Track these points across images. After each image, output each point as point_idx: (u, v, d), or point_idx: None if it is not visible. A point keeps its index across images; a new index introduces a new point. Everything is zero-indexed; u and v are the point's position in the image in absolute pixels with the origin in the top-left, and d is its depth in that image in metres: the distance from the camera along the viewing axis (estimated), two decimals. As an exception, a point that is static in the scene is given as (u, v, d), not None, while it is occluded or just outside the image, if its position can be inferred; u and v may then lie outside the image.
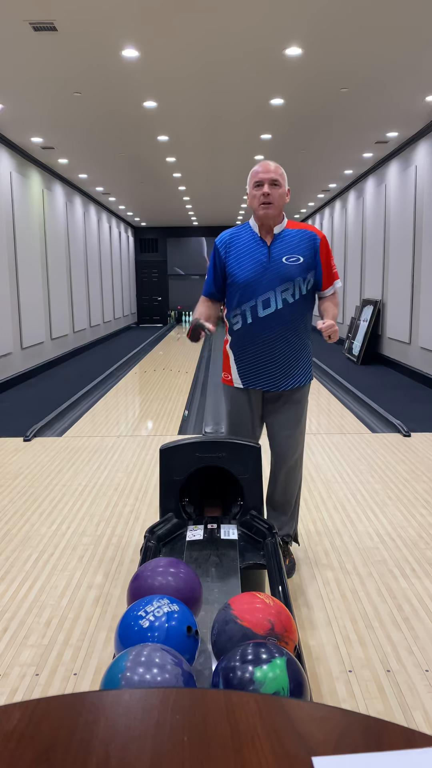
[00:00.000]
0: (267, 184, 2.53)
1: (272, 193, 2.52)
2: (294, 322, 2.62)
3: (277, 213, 2.57)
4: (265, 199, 2.53)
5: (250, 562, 1.98)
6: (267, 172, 2.54)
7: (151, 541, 2.07)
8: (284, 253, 2.57)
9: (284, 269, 2.56)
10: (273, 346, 2.62)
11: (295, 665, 1.18)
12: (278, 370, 2.65)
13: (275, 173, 2.55)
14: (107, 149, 9.18)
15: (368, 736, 0.83)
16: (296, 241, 2.60)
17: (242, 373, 2.71)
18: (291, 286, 2.57)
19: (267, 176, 2.53)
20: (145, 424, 6.21)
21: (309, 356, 2.74)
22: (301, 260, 2.57)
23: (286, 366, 2.65)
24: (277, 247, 2.59)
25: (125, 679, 1.15)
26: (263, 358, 2.64)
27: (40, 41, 5.02)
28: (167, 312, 21.04)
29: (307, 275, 2.59)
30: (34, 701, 0.91)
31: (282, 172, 2.58)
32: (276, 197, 2.54)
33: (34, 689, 2.11)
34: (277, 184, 2.54)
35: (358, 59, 5.53)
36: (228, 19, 4.70)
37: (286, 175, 2.61)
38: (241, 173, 11.17)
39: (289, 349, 2.64)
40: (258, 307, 2.59)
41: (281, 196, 2.57)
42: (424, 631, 2.42)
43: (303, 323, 2.66)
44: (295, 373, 2.68)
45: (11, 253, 8.39)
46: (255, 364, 2.66)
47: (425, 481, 4.15)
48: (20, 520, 3.61)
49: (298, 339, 2.65)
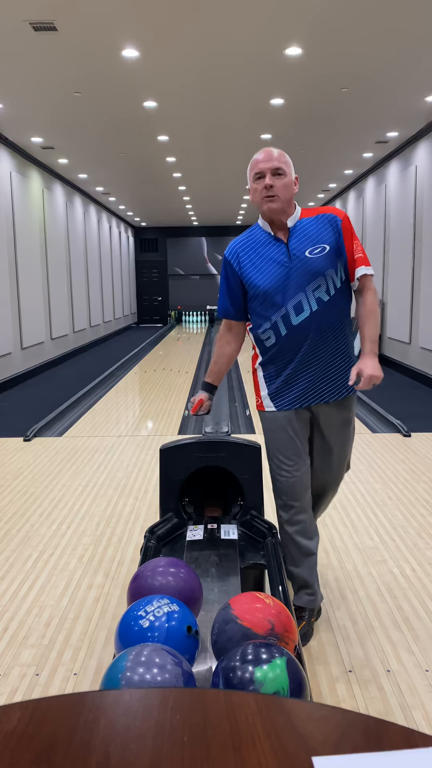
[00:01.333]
0: (269, 174, 2.17)
1: (276, 184, 2.16)
2: (334, 322, 2.23)
3: (284, 206, 2.20)
4: (268, 192, 2.17)
5: (250, 562, 1.99)
6: (268, 161, 2.18)
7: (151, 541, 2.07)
8: (305, 246, 2.20)
9: (310, 264, 2.18)
10: (313, 355, 2.22)
11: (295, 665, 1.18)
12: (322, 381, 2.25)
13: (278, 161, 2.18)
14: (107, 149, 9.18)
15: (368, 736, 0.83)
16: (316, 229, 2.23)
17: (274, 393, 2.29)
18: (323, 282, 2.19)
19: (268, 165, 2.17)
20: (145, 424, 6.21)
21: (352, 361, 2.30)
22: (327, 249, 2.19)
23: (331, 374, 2.25)
24: (295, 241, 2.21)
25: (125, 679, 1.15)
26: (304, 371, 2.24)
27: (40, 41, 5.02)
28: (167, 312, 21.04)
29: (337, 264, 2.21)
30: (34, 701, 0.91)
31: (286, 159, 2.22)
32: (281, 188, 2.17)
33: (34, 689, 2.11)
34: (281, 173, 2.18)
35: (358, 59, 5.53)
36: (228, 19, 4.70)
37: (291, 161, 2.24)
38: (241, 173, 11.16)
39: (331, 354, 2.24)
40: (290, 314, 2.20)
41: (287, 186, 2.19)
42: (424, 631, 2.42)
43: (343, 320, 2.28)
44: (340, 382, 2.26)
45: (11, 253, 8.39)
46: (294, 379, 2.26)
47: (425, 481, 4.15)
48: (20, 520, 3.61)
49: (342, 339, 2.26)
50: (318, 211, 2.28)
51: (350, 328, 2.31)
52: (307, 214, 2.27)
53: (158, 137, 8.41)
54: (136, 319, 20.52)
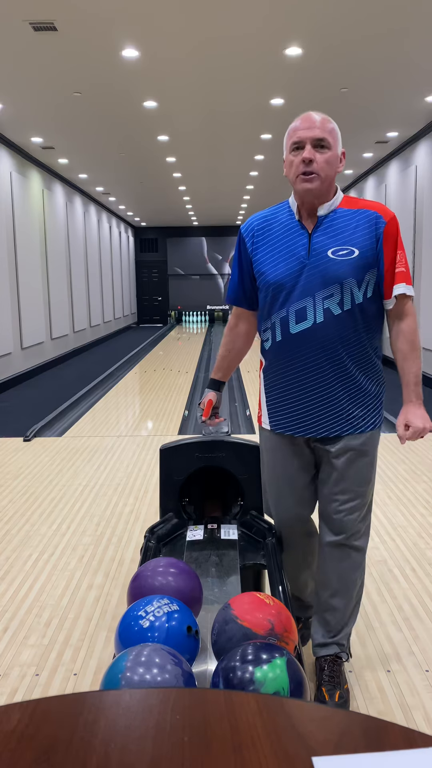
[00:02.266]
0: (309, 145, 1.76)
1: (318, 158, 1.76)
2: (345, 344, 1.82)
3: (324, 188, 1.80)
4: (307, 167, 1.76)
5: (250, 562, 1.98)
6: (310, 128, 1.76)
7: (151, 541, 2.07)
8: (331, 243, 1.81)
9: (329, 266, 1.80)
10: (313, 376, 1.85)
11: (295, 665, 1.18)
12: (322, 411, 1.87)
13: (322, 129, 1.77)
14: (107, 149, 9.18)
15: (368, 736, 0.83)
16: (351, 226, 1.82)
17: (273, 410, 1.96)
18: (337, 291, 1.80)
19: (310, 134, 1.75)
20: (145, 424, 6.21)
21: (374, 392, 1.91)
22: (355, 253, 1.79)
23: (332, 405, 1.87)
24: (322, 234, 1.82)
25: (125, 679, 1.15)
26: (301, 393, 1.88)
27: (40, 41, 5.02)
28: (167, 312, 21.04)
29: (364, 275, 1.81)
30: (34, 701, 0.91)
31: (333, 127, 1.81)
32: (323, 164, 1.77)
33: (34, 689, 2.11)
34: (325, 146, 1.77)
35: (358, 59, 5.53)
36: (228, 19, 4.70)
37: (339, 131, 1.84)
38: (242, 173, 11.18)
39: (337, 382, 1.85)
40: (290, 319, 1.85)
41: (330, 162, 1.78)
42: (424, 631, 2.42)
43: (361, 345, 1.85)
44: (348, 416, 1.88)
45: (11, 253, 8.39)
46: (290, 398, 1.90)
47: (425, 481, 4.15)
48: (20, 520, 3.61)
49: (355, 368, 1.85)
50: (362, 204, 1.87)
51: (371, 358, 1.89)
52: (348, 203, 1.87)
53: (158, 137, 8.41)
54: (136, 319, 20.52)
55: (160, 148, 9.03)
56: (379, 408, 1.94)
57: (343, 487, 1.93)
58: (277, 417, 1.95)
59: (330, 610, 2.01)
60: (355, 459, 1.91)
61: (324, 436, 1.89)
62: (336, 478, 1.93)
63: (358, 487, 1.94)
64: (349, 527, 1.96)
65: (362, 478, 1.94)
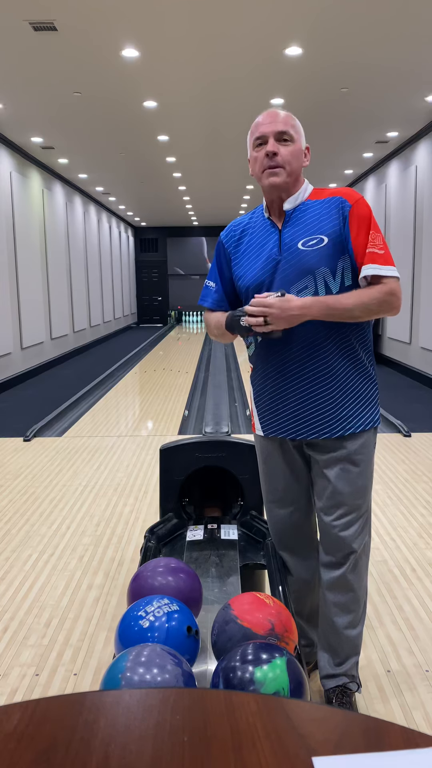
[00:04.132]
0: (272, 139, 1.73)
1: (281, 151, 1.73)
2: (324, 338, 1.76)
3: (290, 181, 1.76)
4: (271, 160, 1.73)
5: (250, 562, 1.98)
6: (272, 123, 1.74)
7: (151, 541, 2.07)
8: (300, 236, 1.76)
9: (300, 258, 1.74)
10: (297, 375, 1.79)
11: (295, 665, 1.18)
12: (309, 410, 1.80)
13: (284, 123, 1.75)
14: (107, 149, 9.18)
15: (368, 736, 0.83)
16: (318, 215, 1.77)
17: (262, 414, 1.90)
18: (310, 282, 1.74)
19: (272, 128, 1.74)
20: (145, 424, 6.21)
21: (363, 390, 1.82)
22: (324, 241, 1.72)
23: (320, 404, 1.78)
24: (291, 228, 1.78)
25: (125, 679, 1.15)
26: (288, 394, 1.81)
27: (40, 41, 5.02)
28: (167, 312, 21.04)
29: (336, 263, 1.73)
30: (34, 701, 0.91)
31: (295, 123, 1.79)
32: (287, 157, 1.74)
33: (34, 689, 2.11)
34: (287, 139, 1.75)
35: (358, 59, 5.53)
36: (228, 19, 4.70)
37: (302, 128, 1.81)
38: (242, 173, 11.18)
39: (320, 379, 1.77)
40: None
41: (295, 155, 1.76)
42: (424, 631, 2.42)
43: (344, 338, 1.78)
44: (336, 415, 1.78)
45: (11, 253, 8.39)
46: (278, 401, 1.84)
47: (425, 482, 4.15)
48: (20, 520, 3.61)
49: (339, 362, 1.78)
50: (330, 192, 1.80)
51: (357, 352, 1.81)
52: (316, 195, 1.81)
53: (158, 137, 8.41)
54: (136, 319, 20.52)
55: (160, 148, 9.03)
56: (370, 406, 1.83)
57: (337, 500, 1.83)
58: (267, 420, 1.88)
59: (334, 638, 1.91)
60: (347, 469, 1.81)
61: (313, 438, 1.80)
62: (329, 492, 1.83)
63: (352, 500, 1.83)
64: (346, 545, 1.84)
65: (356, 490, 1.82)
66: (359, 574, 1.89)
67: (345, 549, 1.84)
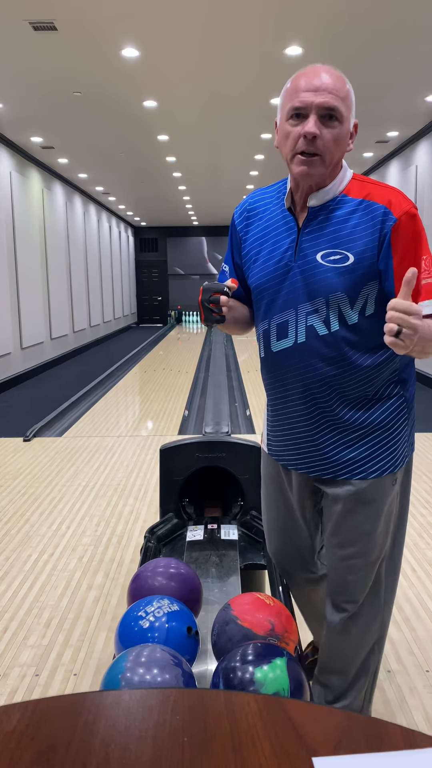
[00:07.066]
0: (315, 113, 1.31)
1: (324, 134, 1.32)
2: (336, 370, 1.44)
3: (326, 173, 1.37)
4: (309, 146, 1.32)
5: (250, 562, 1.98)
6: (319, 91, 1.30)
7: (151, 542, 2.07)
8: (322, 244, 1.40)
9: (315, 274, 1.40)
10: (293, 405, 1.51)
11: (295, 666, 1.18)
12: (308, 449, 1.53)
13: (335, 95, 1.30)
14: (107, 149, 9.18)
15: (368, 736, 0.83)
16: (350, 223, 1.38)
17: (269, 432, 1.66)
18: (323, 307, 1.41)
19: (319, 99, 1.30)
20: (145, 424, 6.21)
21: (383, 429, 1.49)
22: (349, 260, 1.37)
23: (318, 445, 1.51)
24: (313, 231, 1.41)
25: (125, 680, 1.15)
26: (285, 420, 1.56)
27: (40, 41, 5.02)
28: (167, 312, 21.03)
29: (361, 289, 1.38)
30: (34, 701, 0.91)
31: (348, 95, 1.34)
32: (329, 144, 1.33)
33: (34, 689, 2.11)
34: (335, 117, 1.32)
35: (358, 59, 5.53)
36: (228, 19, 4.70)
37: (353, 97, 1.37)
38: (242, 173, 11.18)
39: (321, 418, 1.48)
40: (271, 333, 1.50)
41: (340, 141, 1.35)
42: (424, 631, 2.41)
43: (359, 374, 1.44)
44: (340, 459, 1.50)
45: (11, 253, 8.39)
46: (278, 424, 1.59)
47: (425, 481, 4.15)
48: (20, 520, 3.61)
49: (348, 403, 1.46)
50: (374, 188, 1.40)
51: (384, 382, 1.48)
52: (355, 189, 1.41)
53: (158, 137, 8.41)
54: (136, 319, 20.52)
55: (160, 148, 9.03)
56: (392, 446, 1.50)
57: (341, 539, 1.54)
58: (271, 441, 1.64)
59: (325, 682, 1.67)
60: (354, 508, 1.51)
61: (316, 476, 1.54)
62: (333, 528, 1.55)
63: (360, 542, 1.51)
64: (350, 590, 1.56)
65: (363, 531, 1.51)
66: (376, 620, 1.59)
67: (349, 594, 1.57)
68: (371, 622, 1.59)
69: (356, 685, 1.65)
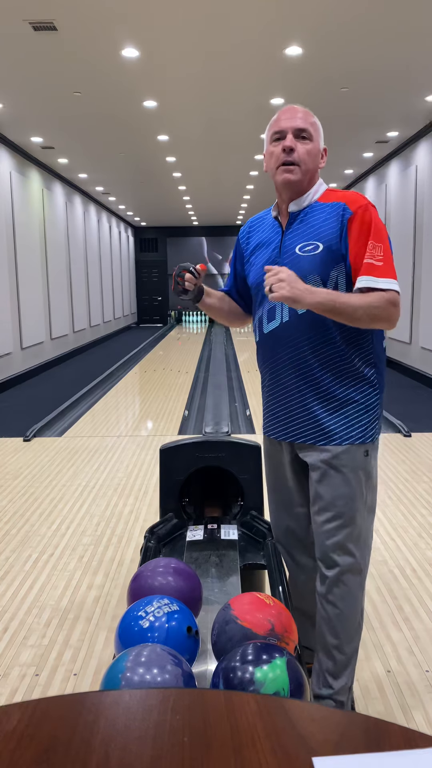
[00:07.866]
0: (291, 133, 1.71)
1: (299, 148, 1.71)
2: (312, 346, 1.73)
3: (304, 180, 1.74)
4: (288, 156, 1.71)
5: (250, 562, 1.98)
6: (292, 118, 1.72)
7: (151, 541, 2.07)
8: (299, 239, 1.74)
9: (295, 263, 1.72)
10: (286, 378, 1.80)
11: (295, 666, 1.18)
12: (291, 416, 1.81)
13: (304, 120, 1.72)
14: (107, 149, 9.18)
15: (368, 736, 0.83)
16: (321, 219, 1.73)
17: (264, 412, 1.95)
18: None
19: (291, 124, 1.71)
20: (145, 424, 6.21)
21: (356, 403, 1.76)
22: (319, 248, 1.70)
23: (302, 411, 1.78)
24: (293, 231, 1.77)
25: (125, 680, 1.15)
26: (280, 395, 1.84)
27: (40, 41, 5.02)
28: (167, 312, 21.04)
29: (329, 272, 1.69)
30: (34, 701, 0.91)
31: (315, 121, 1.75)
32: (303, 155, 1.71)
33: (34, 689, 2.11)
34: (306, 137, 1.72)
35: (358, 59, 5.53)
36: (228, 19, 4.70)
37: (321, 128, 1.77)
38: (242, 173, 11.18)
39: (305, 386, 1.76)
40: (264, 317, 1.83)
41: (312, 155, 1.73)
42: (424, 631, 2.42)
43: (334, 348, 1.73)
44: (320, 424, 1.76)
45: (11, 253, 8.39)
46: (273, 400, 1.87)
47: (425, 482, 4.15)
48: (20, 520, 3.61)
49: (326, 373, 1.74)
50: (339, 195, 1.75)
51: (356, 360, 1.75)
52: (326, 197, 1.77)
53: (158, 137, 8.42)
54: (136, 319, 20.52)
55: (160, 148, 9.03)
56: (364, 420, 1.76)
57: (320, 505, 1.79)
58: (265, 419, 1.93)
59: (324, 654, 1.82)
60: (328, 473, 1.77)
61: (301, 442, 1.80)
62: (313, 497, 1.81)
63: (336, 507, 1.76)
64: (330, 552, 1.78)
65: (338, 496, 1.76)
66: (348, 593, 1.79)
67: (328, 559, 1.79)
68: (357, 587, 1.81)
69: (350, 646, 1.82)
